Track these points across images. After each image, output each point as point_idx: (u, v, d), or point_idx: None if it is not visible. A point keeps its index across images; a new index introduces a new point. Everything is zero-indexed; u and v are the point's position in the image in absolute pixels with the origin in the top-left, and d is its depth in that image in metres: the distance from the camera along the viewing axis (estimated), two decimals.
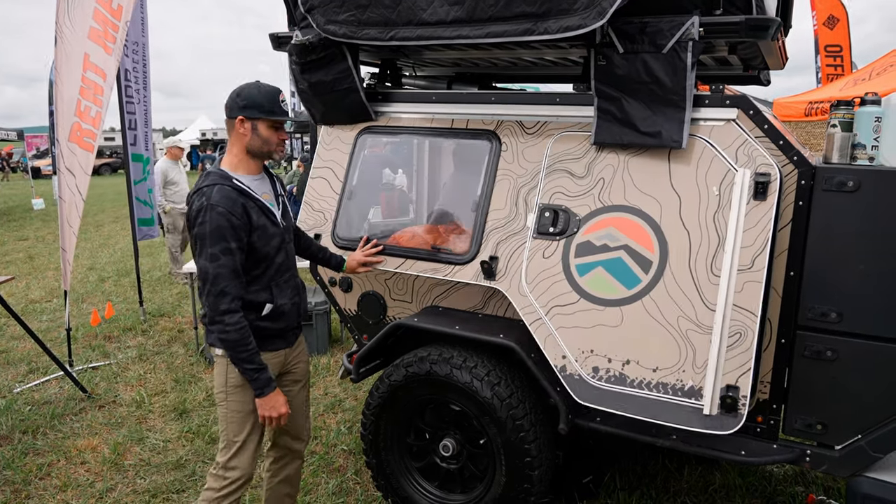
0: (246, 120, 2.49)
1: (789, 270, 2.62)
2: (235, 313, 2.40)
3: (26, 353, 5.78)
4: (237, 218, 2.40)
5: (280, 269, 2.61)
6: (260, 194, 2.56)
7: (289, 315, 2.66)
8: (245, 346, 2.42)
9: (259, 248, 2.50)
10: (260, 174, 2.63)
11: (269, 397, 2.50)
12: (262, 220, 2.51)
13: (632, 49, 2.58)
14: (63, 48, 5.32)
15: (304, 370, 2.90)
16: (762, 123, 2.59)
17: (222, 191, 2.42)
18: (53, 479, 3.74)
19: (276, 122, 2.53)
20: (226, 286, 2.38)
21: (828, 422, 2.66)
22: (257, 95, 2.49)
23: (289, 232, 2.70)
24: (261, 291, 2.55)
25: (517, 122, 3.02)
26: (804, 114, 8.15)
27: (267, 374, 2.49)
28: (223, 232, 2.37)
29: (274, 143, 2.55)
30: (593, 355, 2.77)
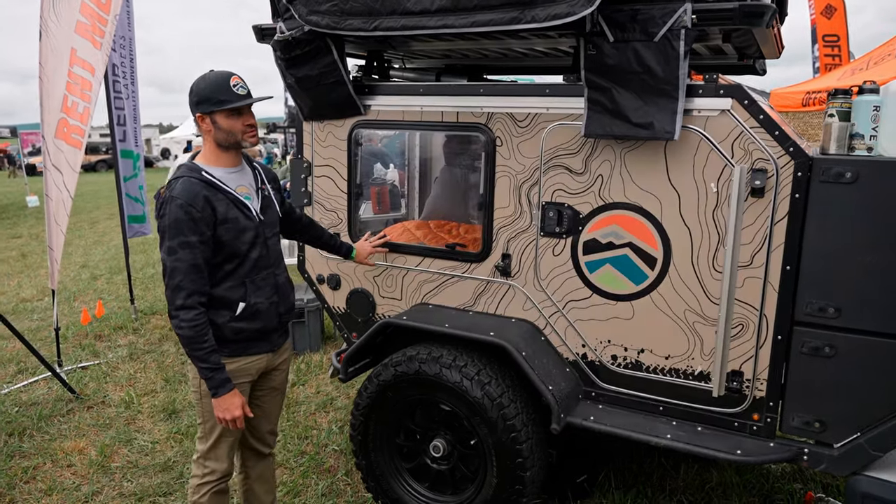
0: (204, 116, 2.41)
1: (786, 265, 2.55)
2: (191, 309, 2.32)
3: (15, 353, 5.71)
4: (197, 210, 2.31)
5: (256, 266, 2.51)
6: (234, 187, 2.47)
7: (266, 315, 2.55)
8: (199, 343, 2.34)
9: (228, 241, 2.41)
10: (238, 166, 2.54)
11: (223, 398, 2.41)
12: (232, 212, 2.41)
13: (622, 38, 2.50)
14: (48, 43, 5.23)
15: (284, 379, 2.82)
16: (757, 114, 2.51)
17: (185, 183, 2.35)
18: (39, 483, 3.67)
19: (234, 110, 2.41)
20: (181, 281, 2.31)
21: (826, 420, 2.60)
22: (205, 88, 2.40)
23: (269, 227, 2.59)
24: (234, 288, 2.46)
25: (508, 115, 2.95)
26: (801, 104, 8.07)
27: (223, 375, 2.40)
28: (181, 225, 2.30)
29: (239, 130, 2.44)
30: (611, 345, 2.92)
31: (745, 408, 2.72)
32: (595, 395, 3.00)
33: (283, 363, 2.77)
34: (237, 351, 2.51)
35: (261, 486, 2.91)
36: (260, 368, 2.62)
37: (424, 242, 3.54)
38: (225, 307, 2.45)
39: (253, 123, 2.48)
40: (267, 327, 2.57)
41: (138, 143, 7.20)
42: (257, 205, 2.55)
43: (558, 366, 2.97)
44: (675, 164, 2.66)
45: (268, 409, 2.80)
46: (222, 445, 2.59)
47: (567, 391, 2.90)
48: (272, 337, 2.63)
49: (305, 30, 2.97)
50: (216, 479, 2.59)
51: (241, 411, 2.45)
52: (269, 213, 2.61)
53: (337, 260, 3.51)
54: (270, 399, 2.79)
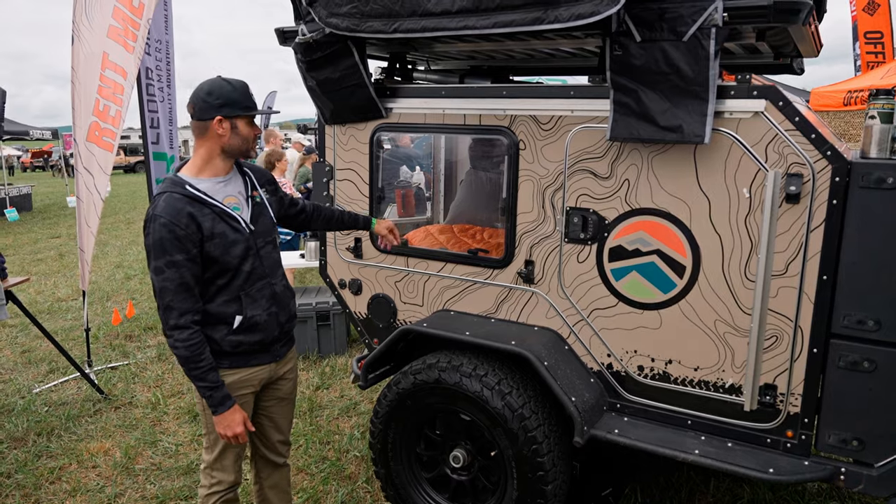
0: (225, 119, 2.32)
1: (822, 274, 2.42)
2: (185, 329, 2.25)
3: (48, 352, 5.80)
4: (181, 228, 2.23)
5: (250, 278, 2.42)
6: (221, 198, 2.38)
7: (265, 327, 2.47)
8: (196, 363, 2.27)
9: (218, 257, 2.32)
10: (229, 174, 2.45)
11: (224, 416, 2.34)
12: (219, 227, 2.32)
13: (650, 37, 2.41)
14: (81, 47, 5.31)
15: (291, 388, 2.74)
16: (793, 116, 2.39)
17: (168, 200, 2.26)
18: (63, 484, 3.71)
19: (252, 118, 2.39)
20: (171, 301, 2.24)
21: (865, 438, 2.47)
22: (232, 92, 2.33)
23: (262, 236, 2.48)
24: (229, 303, 2.39)
25: (531, 118, 2.87)
26: (843, 103, 7.83)
27: (222, 392, 2.34)
28: (165, 244, 2.22)
29: (252, 139, 2.41)
30: (637, 355, 2.82)
31: (778, 423, 2.60)
32: (620, 406, 2.90)
33: (288, 372, 2.70)
34: (237, 363, 2.45)
35: (275, 494, 2.86)
36: (263, 379, 2.56)
37: (447, 247, 3.48)
38: (221, 322, 2.38)
39: (259, 134, 2.46)
40: (267, 339, 2.50)
41: (173, 146, 7.29)
42: (247, 214, 2.45)
43: (582, 376, 2.88)
44: (705, 168, 2.56)
45: (277, 420, 2.73)
46: (228, 456, 2.54)
47: (591, 403, 2.81)
48: (274, 347, 2.56)
49: (326, 32, 2.93)
50: (224, 489, 2.55)
51: (242, 427, 2.39)
52: (262, 222, 2.50)
53: (359, 264, 3.47)
54: (279, 409, 2.72)
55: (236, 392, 2.44)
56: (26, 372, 5.49)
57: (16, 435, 4.28)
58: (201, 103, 2.32)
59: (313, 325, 5.64)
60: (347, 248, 3.48)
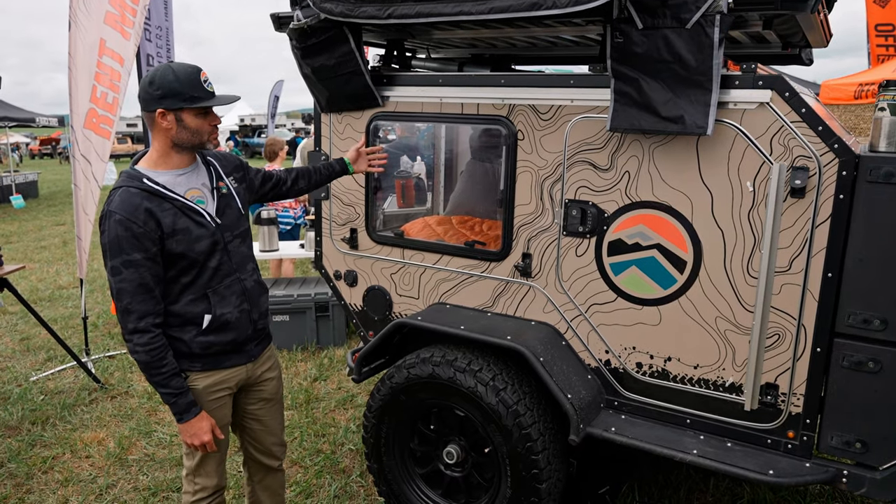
0: (167, 112, 2.13)
1: (827, 271, 2.35)
2: (144, 333, 2.12)
3: (47, 340, 5.77)
4: (139, 225, 2.08)
5: (217, 275, 2.27)
6: (183, 192, 2.21)
7: (237, 325, 2.33)
8: (157, 368, 2.14)
9: (181, 253, 2.17)
10: (191, 166, 2.28)
11: (190, 424, 2.22)
12: (181, 222, 2.17)
13: (652, 24, 2.32)
14: (77, 34, 5.24)
15: (275, 388, 2.60)
16: (799, 107, 2.31)
17: (124, 195, 2.11)
18: (56, 474, 3.68)
19: (203, 108, 2.19)
20: (129, 303, 2.10)
21: (868, 440, 2.40)
22: (174, 81, 2.12)
23: (230, 229, 2.32)
24: (196, 301, 2.24)
25: (530, 107, 2.79)
26: (853, 96, 7.69)
27: (186, 399, 2.21)
28: (121, 242, 2.07)
29: (206, 132, 2.20)
30: (635, 352, 2.76)
31: (779, 424, 2.53)
32: (618, 404, 2.84)
33: (268, 371, 2.55)
34: (210, 365, 2.31)
35: (268, 497, 2.76)
36: (240, 380, 2.43)
37: (444, 239, 3.42)
38: (190, 323, 2.24)
39: (217, 123, 2.25)
40: (240, 338, 2.36)
41: None
42: (213, 207, 2.29)
43: (579, 372, 2.82)
44: (707, 160, 2.48)
45: (268, 422, 2.60)
46: (209, 462, 2.41)
47: (588, 400, 2.74)
48: (248, 347, 2.42)
49: (321, 18, 2.86)
50: (208, 494, 2.44)
51: (209, 436, 2.26)
52: (229, 214, 2.34)
53: (354, 255, 3.41)
54: (266, 411, 2.59)
55: (211, 396, 2.32)
56: (24, 360, 5.46)
57: (10, 423, 4.26)
58: (144, 94, 2.16)
59: (312, 316, 5.59)
60: (343, 238, 3.42)
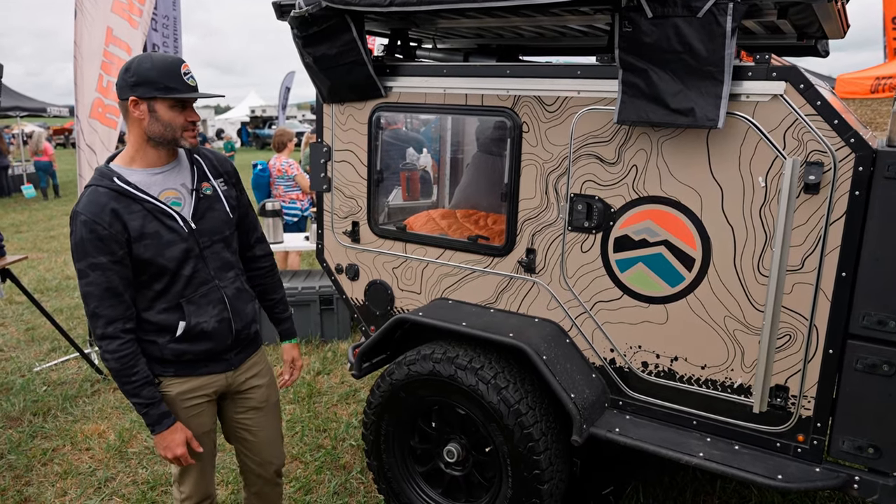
0: (140, 101, 2.00)
1: (841, 271, 2.26)
2: (113, 339, 2.01)
3: (52, 330, 5.76)
4: (104, 227, 1.96)
5: (191, 283, 2.14)
6: (157, 192, 2.09)
7: (215, 335, 2.19)
8: (127, 376, 2.02)
9: (149, 259, 2.05)
10: (170, 164, 2.15)
11: (163, 436, 2.10)
12: (151, 226, 2.04)
13: (662, 13, 2.24)
14: (84, 22, 5.20)
15: (264, 395, 2.43)
16: (814, 100, 2.22)
17: (92, 195, 2.00)
18: (55, 466, 3.66)
19: (180, 101, 2.05)
20: (96, 307, 2.00)
21: (881, 445, 2.32)
22: (150, 69, 2.00)
23: (207, 234, 2.18)
24: (170, 311, 2.12)
25: (535, 98, 2.72)
26: (870, 90, 7.56)
27: (159, 410, 2.08)
28: (86, 245, 1.97)
29: (179, 126, 2.06)
30: (641, 351, 2.69)
31: (789, 427, 2.46)
32: (622, 404, 2.77)
33: (254, 378, 2.39)
34: (184, 371, 2.19)
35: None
36: (219, 388, 2.29)
37: (448, 233, 3.35)
38: (163, 331, 2.13)
39: (196, 120, 2.11)
40: (217, 348, 2.22)
41: None
42: (188, 210, 2.14)
43: (583, 371, 2.75)
44: (718, 154, 2.40)
45: (259, 433, 2.44)
46: (192, 473, 2.32)
47: (592, 399, 2.68)
48: (227, 356, 2.28)
49: (322, 6, 2.79)
50: (195, 503, 2.36)
51: (183, 449, 2.14)
52: (210, 217, 2.19)
53: (356, 249, 3.35)
54: (258, 421, 2.42)
55: (186, 403, 2.20)
56: (28, 350, 5.46)
57: (12, 414, 4.24)
58: (119, 80, 2.05)
59: (316, 310, 5.55)
60: (344, 231, 3.36)
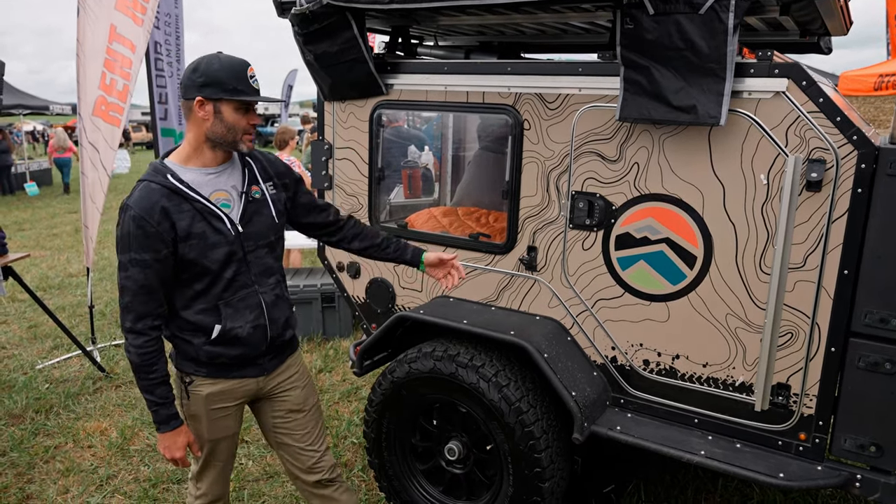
0: (206, 101, 2.01)
1: (843, 269, 2.26)
2: (139, 335, 2.02)
3: (54, 328, 5.76)
4: (152, 225, 1.97)
5: (231, 286, 2.13)
6: (208, 193, 2.08)
7: (249, 341, 2.17)
8: (146, 372, 2.04)
9: (194, 259, 2.05)
10: (224, 164, 2.15)
11: (166, 436, 2.12)
12: (198, 226, 2.04)
13: (663, 9, 2.23)
14: (87, 20, 5.19)
15: (301, 397, 2.39)
16: (817, 96, 2.21)
17: (144, 190, 2.01)
18: (57, 463, 3.66)
19: (245, 104, 2.06)
20: (129, 302, 2.01)
21: (884, 443, 2.31)
22: (219, 70, 2.01)
23: (252, 238, 2.17)
24: (207, 312, 2.12)
25: (536, 96, 2.71)
26: (873, 88, 7.53)
27: (169, 411, 2.10)
28: (131, 240, 1.98)
29: (241, 129, 2.06)
30: (643, 349, 2.69)
31: (790, 425, 2.45)
32: (624, 402, 2.76)
33: (289, 380, 2.37)
34: (216, 373, 2.19)
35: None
36: (249, 392, 2.28)
37: (449, 231, 3.35)
38: (199, 331, 2.13)
39: (257, 123, 2.12)
40: (251, 353, 2.20)
41: (182, 122, 7.18)
42: (237, 213, 2.14)
43: (584, 369, 2.75)
44: (720, 152, 2.39)
45: (299, 435, 2.39)
46: (210, 471, 2.33)
47: (593, 397, 2.67)
48: (260, 361, 2.26)
49: (323, 3, 2.78)
50: (208, 501, 2.37)
51: (183, 452, 2.16)
52: (257, 221, 2.18)
53: None
54: (296, 423, 2.38)
55: (216, 404, 2.21)
56: (31, 347, 5.47)
57: (14, 412, 4.25)
58: (186, 80, 2.06)
59: (318, 307, 5.54)
60: None
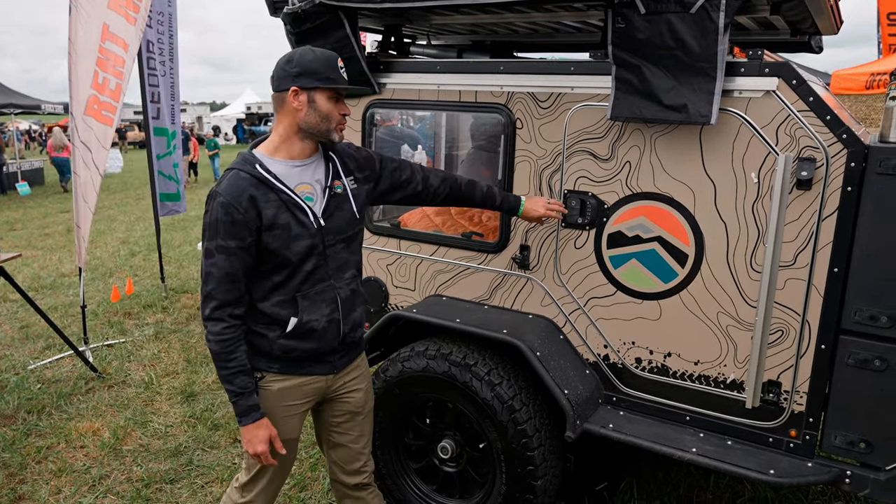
0: (301, 91, 2.04)
1: (833, 266, 2.27)
2: (219, 322, 2.03)
3: (45, 328, 5.75)
4: (240, 212, 1.99)
5: (309, 279, 2.13)
6: (294, 185, 2.10)
7: (323, 335, 2.17)
8: (225, 361, 2.04)
9: (276, 250, 2.06)
10: (310, 158, 2.16)
11: (248, 428, 2.09)
12: (283, 217, 2.05)
13: (655, 9, 2.25)
14: (79, 18, 5.17)
15: (362, 400, 2.40)
16: (807, 95, 2.23)
17: (233, 178, 2.03)
18: (49, 464, 3.65)
19: (337, 92, 2.11)
20: (213, 289, 2.02)
21: (873, 440, 2.33)
22: (313, 60, 2.05)
23: (333, 233, 2.17)
24: (285, 304, 2.12)
25: (529, 95, 2.72)
26: (865, 86, 7.56)
27: (249, 401, 2.08)
28: (219, 226, 2.00)
29: (335, 118, 2.10)
30: (635, 347, 2.70)
31: (781, 422, 2.47)
32: (616, 400, 2.77)
33: (353, 381, 2.37)
34: (287, 369, 2.19)
35: None
36: (319, 390, 2.28)
37: (442, 229, 3.35)
38: (275, 323, 2.13)
39: (347, 113, 2.16)
40: (323, 348, 2.20)
41: (175, 121, 7.16)
42: (320, 207, 2.14)
43: (577, 367, 2.76)
44: (711, 151, 2.40)
45: (356, 441, 2.43)
46: (262, 479, 2.29)
47: (585, 395, 2.68)
48: (331, 358, 2.26)
49: (315, 2, 2.79)
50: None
51: (266, 446, 2.11)
52: (338, 216, 2.18)
53: None
54: (353, 425, 2.40)
55: (285, 401, 2.20)
56: (23, 348, 5.45)
57: (6, 412, 4.23)
58: (279, 72, 2.08)
59: None
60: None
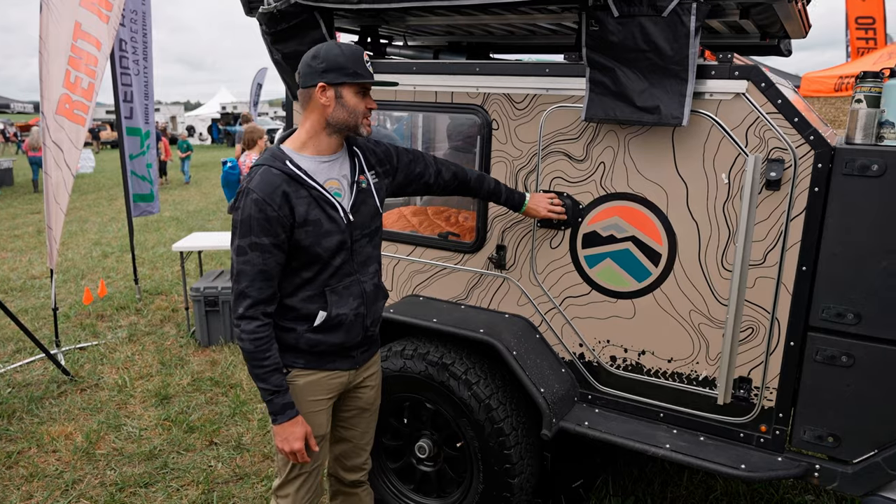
0: (328, 87, 2.04)
1: (801, 265, 2.32)
2: (252, 321, 2.03)
3: (15, 331, 5.65)
4: (273, 209, 1.98)
5: (337, 274, 2.15)
6: (323, 181, 2.10)
7: (349, 328, 2.19)
8: (259, 360, 2.04)
9: (308, 246, 2.06)
10: (337, 154, 2.17)
11: (283, 426, 2.09)
12: (314, 213, 2.06)
13: (628, 12, 2.28)
14: (50, 17, 5.10)
15: (373, 397, 2.45)
16: (775, 98, 2.28)
17: (265, 174, 2.02)
18: (21, 469, 3.59)
19: (365, 87, 2.10)
20: (246, 287, 2.01)
21: (841, 434, 2.39)
22: (340, 56, 2.04)
23: (360, 228, 2.19)
24: (314, 298, 2.13)
25: (504, 96, 2.74)
26: (834, 89, 7.74)
27: (284, 399, 2.08)
28: (252, 223, 1.99)
29: (362, 113, 2.10)
30: (609, 345, 2.73)
31: (752, 418, 2.52)
32: (592, 398, 2.81)
33: (369, 378, 2.41)
34: (313, 363, 2.20)
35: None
36: (342, 385, 2.30)
37: (419, 230, 3.36)
38: (303, 318, 2.14)
39: (374, 108, 2.15)
40: (349, 342, 2.22)
41: (148, 121, 7.08)
42: (348, 202, 2.16)
43: (553, 366, 2.78)
44: (683, 152, 2.44)
45: (362, 437, 2.48)
46: (294, 484, 2.28)
47: (561, 394, 2.71)
48: (354, 353, 2.28)
49: (291, 2, 2.78)
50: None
51: (301, 444, 2.11)
52: (363, 212, 2.21)
53: None
54: (360, 420, 2.45)
55: (311, 396, 2.21)
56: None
57: None
58: (305, 68, 2.08)
59: None
60: None
